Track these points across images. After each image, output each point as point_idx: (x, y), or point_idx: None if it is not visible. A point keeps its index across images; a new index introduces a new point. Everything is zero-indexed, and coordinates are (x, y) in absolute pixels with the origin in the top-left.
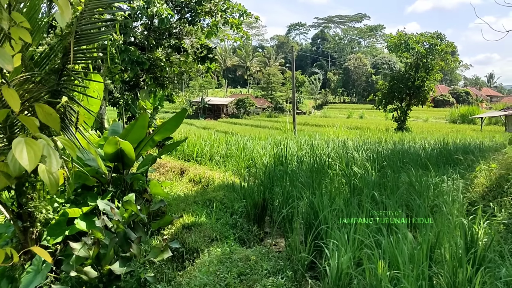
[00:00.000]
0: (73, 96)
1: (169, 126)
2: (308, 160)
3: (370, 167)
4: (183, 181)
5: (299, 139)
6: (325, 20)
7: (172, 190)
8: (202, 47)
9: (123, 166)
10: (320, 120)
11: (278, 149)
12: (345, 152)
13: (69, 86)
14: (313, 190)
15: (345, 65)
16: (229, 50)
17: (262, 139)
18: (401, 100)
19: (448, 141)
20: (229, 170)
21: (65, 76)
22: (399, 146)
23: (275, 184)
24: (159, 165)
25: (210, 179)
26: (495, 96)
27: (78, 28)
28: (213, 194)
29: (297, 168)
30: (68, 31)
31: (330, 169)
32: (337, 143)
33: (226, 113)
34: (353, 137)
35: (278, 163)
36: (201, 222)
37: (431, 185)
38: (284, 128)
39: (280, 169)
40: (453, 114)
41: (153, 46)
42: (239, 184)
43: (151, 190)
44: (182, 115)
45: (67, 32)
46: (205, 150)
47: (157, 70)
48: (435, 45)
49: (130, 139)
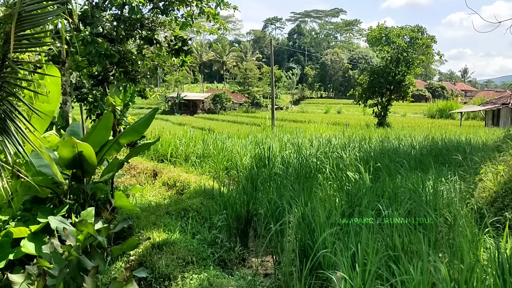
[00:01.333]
0: (16, 92)
1: (138, 127)
2: (293, 161)
3: (363, 169)
4: (156, 185)
5: (281, 137)
6: (301, 15)
7: (144, 196)
8: (176, 38)
9: (83, 174)
10: (298, 116)
11: (259, 148)
12: (332, 152)
13: (10, 80)
14: (304, 199)
15: (322, 60)
16: (205, 44)
17: (242, 137)
18: (382, 95)
19: (435, 138)
20: (207, 171)
21: (6, 67)
22: (387, 144)
23: (259, 190)
24: (130, 166)
25: (186, 182)
26: (469, 90)
27: (22, 8)
28: (189, 202)
29: (283, 171)
30: (9, 12)
31: (319, 172)
32: (321, 141)
33: (203, 108)
34: (335, 133)
35: (261, 165)
36: (174, 240)
37: (438, 192)
38: (264, 124)
39: (263, 172)
40: (431, 109)
41: (123, 37)
42: (218, 190)
43: (115, 202)
44: (152, 116)
45: (7, 14)
46: (180, 150)
47: (128, 63)
48: (416, 39)
49: (92, 142)
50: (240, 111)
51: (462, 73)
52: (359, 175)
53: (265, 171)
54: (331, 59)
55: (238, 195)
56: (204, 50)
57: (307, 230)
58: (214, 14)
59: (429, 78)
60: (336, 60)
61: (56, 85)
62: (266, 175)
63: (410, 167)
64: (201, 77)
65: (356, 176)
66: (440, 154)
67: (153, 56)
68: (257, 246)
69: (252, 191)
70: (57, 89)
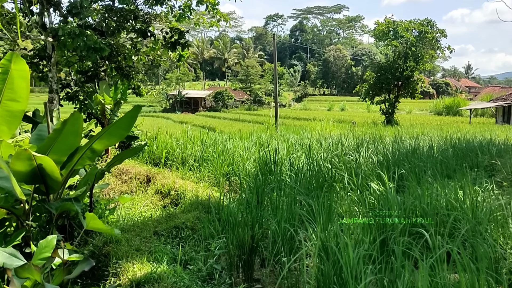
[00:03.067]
0: None
1: (116, 130)
2: (304, 167)
3: (386, 177)
4: (148, 192)
5: (287, 137)
6: (303, 11)
7: (134, 206)
8: (172, 30)
9: (47, 189)
10: (301, 113)
11: (264, 151)
12: (344, 154)
13: None
14: (323, 220)
15: (325, 56)
16: (206, 41)
17: (244, 137)
18: (389, 92)
19: (453, 138)
20: (205, 177)
21: None
22: (402, 145)
23: (265, 204)
24: (122, 171)
25: (181, 191)
26: (473, 87)
27: None
28: (183, 217)
29: (292, 179)
30: None
31: (334, 180)
32: (331, 141)
33: (204, 106)
34: (343, 132)
35: (266, 171)
36: (160, 274)
37: (482, 206)
38: (267, 123)
39: (268, 180)
40: (437, 105)
41: (114, 29)
42: (217, 201)
43: (87, 225)
44: (134, 115)
45: None
46: (177, 152)
47: (121, 58)
48: (425, 33)
49: (57, 151)
50: (242, 108)
51: (465, 69)
52: (382, 185)
53: (272, 178)
54: (333, 56)
55: (240, 212)
56: (205, 47)
57: (331, 268)
58: (214, 4)
59: (432, 75)
60: (339, 56)
61: (24, 80)
62: (273, 184)
63: (437, 173)
64: (203, 75)
65: (378, 185)
66: (465, 156)
67: (147, 50)
68: (264, 277)
69: (257, 206)
70: (26, 84)
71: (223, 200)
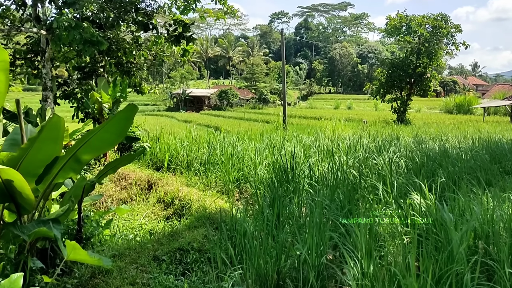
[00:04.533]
0: None
1: (105, 135)
2: (325, 173)
3: (426, 188)
4: (149, 201)
5: (299, 138)
6: (308, 9)
7: (133, 218)
8: (176, 23)
9: (18, 210)
10: (308, 112)
11: (278, 154)
12: (367, 157)
13: None
14: (365, 250)
15: (330, 54)
16: (211, 40)
17: (253, 138)
18: (401, 89)
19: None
20: (213, 183)
21: None
22: (426, 146)
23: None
24: (121, 176)
25: (186, 200)
26: (480, 85)
27: None
28: (188, 235)
29: (314, 189)
30: None
31: (366, 190)
32: (348, 142)
33: (209, 105)
34: (355, 131)
35: (282, 179)
36: None
37: None
38: (277, 122)
39: (287, 190)
40: (448, 104)
41: (113, 21)
42: (228, 214)
43: (68, 256)
44: (128, 115)
45: None
46: (181, 155)
47: (121, 53)
48: (439, 28)
49: (31, 162)
50: (247, 107)
51: (472, 67)
52: (421, 196)
53: (290, 187)
54: (339, 54)
55: (258, 234)
56: (210, 45)
57: None
58: None
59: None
60: (345, 54)
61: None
62: (291, 194)
63: (477, 180)
64: (207, 73)
65: (418, 195)
66: (500, 160)
67: (149, 45)
68: None
69: (276, 224)
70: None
71: (236, 214)
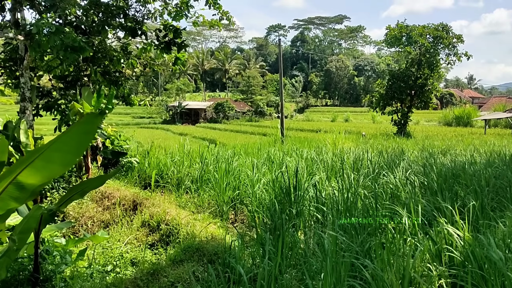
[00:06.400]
0: None
1: (55, 155)
2: (333, 194)
3: (457, 215)
4: (133, 224)
5: (300, 152)
6: (305, 22)
7: (112, 247)
8: (166, 28)
9: None
10: (305, 124)
11: (278, 170)
12: (377, 173)
13: None
14: None
15: (327, 67)
16: (207, 52)
17: (250, 151)
18: (402, 101)
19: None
20: (205, 203)
21: None
22: (435, 161)
23: (292, 262)
24: (103, 195)
25: (174, 224)
26: (476, 97)
27: None
28: (172, 273)
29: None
30: None
31: (383, 216)
32: (353, 156)
33: (205, 117)
34: (357, 145)
35: (284, 200)
36: None
37: None
38: (275, 135)
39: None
40: (446, 116)
41: (97, 26)
42: (222, 244)
43: None
44: (87, 129)
45: None
46: (171, 171)
47: (108, 61)
48: (440, 38)
49: None
50: (243, 120)
51: (468, 79)
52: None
53: (293, 210)
54: (336, 66)
55: (259, 278)
56: (206, 58)
57: None
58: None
59: None
60: (341, 67)
61: None
62: (295, 220)
63: None
64: (203, 86)
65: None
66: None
67: (138, 52)
68: None
69: (281, 264)
70: None
71: (230, 245)
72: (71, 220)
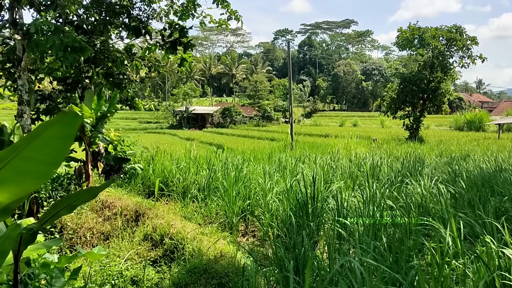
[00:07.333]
0: None
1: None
2: (355, 205)
3: (508, 236)
4: (135, 238)
5: (313, 158)
6: (312, 26)
7: (112, 261)
8: (172, 27)
9: None
10: (313, 129)
11: (292, 178)
12: (400, 181)
13: None
14: None
15: (334, 71)
16: (214, 57)
17: (260, 157)
18: (414, 105)
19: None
20: (213, 213)
21: None
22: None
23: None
24: (104, 205)
25: (179, 238)
26: (485, 102)
27: None
28: None
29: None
30: None
31: (424, 240)
32: (369, 163)
33: (212, 122)
34: (370, 150)
35: (300, 213)
36: None
37: None
38: (285, 140)
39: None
40: (458, 120)
41: (98, 25)
42: (233, 263)
43: None
44: (66, 132)
45: None
46: (176, 179)
47: (111, 63)
48: (453, 40)
49: None
50: (251, 124)
51: (477, 84)
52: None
53: (312, 225)
54: (343, 71)
55: None
56: (213, 62)
57: None
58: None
59: None
60: (349, 71)
61: None
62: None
63: None
64: (210, 91)
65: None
66: None
67: (142, 52)
68: None
69: None
70: None
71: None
72: (69, 232)
